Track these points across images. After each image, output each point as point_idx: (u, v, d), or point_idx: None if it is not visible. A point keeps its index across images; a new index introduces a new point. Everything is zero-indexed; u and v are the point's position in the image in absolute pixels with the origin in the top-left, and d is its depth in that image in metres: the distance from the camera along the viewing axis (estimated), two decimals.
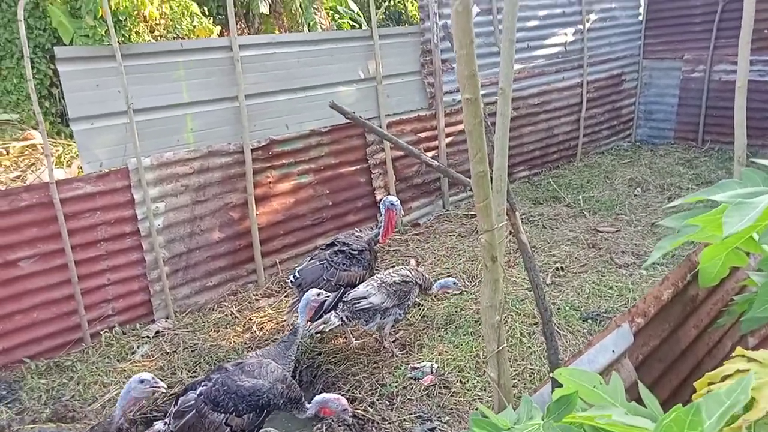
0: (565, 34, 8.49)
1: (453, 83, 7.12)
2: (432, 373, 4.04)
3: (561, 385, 1.27)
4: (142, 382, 3.03)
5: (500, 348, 1.87)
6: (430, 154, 7.18)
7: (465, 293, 5.14)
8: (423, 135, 7.08)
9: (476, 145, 1.82)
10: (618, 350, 2.12)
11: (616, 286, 5.07)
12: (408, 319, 4.76)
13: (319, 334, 4.31)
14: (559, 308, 4.78)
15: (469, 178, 1.95)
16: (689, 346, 2.40)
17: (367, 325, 4.20)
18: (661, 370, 2.30)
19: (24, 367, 4.46)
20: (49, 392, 4.17)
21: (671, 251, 5.41)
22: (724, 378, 1.50)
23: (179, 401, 3.17)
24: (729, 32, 8.42)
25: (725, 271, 1.52)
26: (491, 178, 1.96)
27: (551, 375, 1.51)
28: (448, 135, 7.25)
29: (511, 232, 2.22)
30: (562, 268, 5.54)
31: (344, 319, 4.10)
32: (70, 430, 3.60)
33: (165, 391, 3.34)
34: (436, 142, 7.22)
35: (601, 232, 6.37)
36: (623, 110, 9.86)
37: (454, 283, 4.64)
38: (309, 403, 3.25)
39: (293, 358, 3.50)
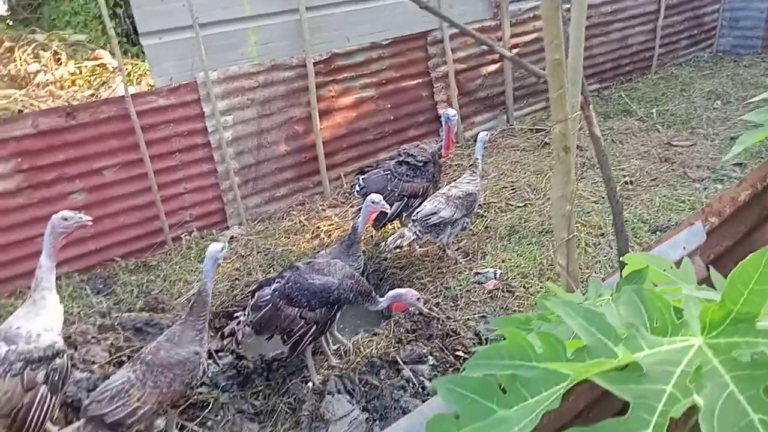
0: None
1: None
2: (496, 278, 4.13)
3: None
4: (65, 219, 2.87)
5: (570, 236, 1.90)
6: (494, 67, 6.97)
7: (529, 205, 5.13)
8: (487, 47, 6.82)
9: (552, 31, 1.76)
10: (689, 247, 2.09)
11: (689, 200, 4.91)
12: (471, 230, 4.82)
13: (397, 249, 4.43)
14: (627, 221, 4.70)
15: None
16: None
17: (438, 237, 4.31)
18: None
19: (116, 265, 4.87)
20: (140, 287, 4.57)
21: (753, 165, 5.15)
22: None
23: (255, 296, 3.41)
24: None
25: None
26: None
27: (621, 260, 1.51)
28: (513, 46, 6.96)
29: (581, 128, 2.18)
30: (631, 182, 5.39)
31: (417, 233, 4.24)
32: (161, 318, 3.96)
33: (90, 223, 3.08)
34: None
35: (674, 146, 6.10)
36: (705, 18, 9.11)
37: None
38: (381, 297, 3.40)
39: (359, 255, 3.65)
